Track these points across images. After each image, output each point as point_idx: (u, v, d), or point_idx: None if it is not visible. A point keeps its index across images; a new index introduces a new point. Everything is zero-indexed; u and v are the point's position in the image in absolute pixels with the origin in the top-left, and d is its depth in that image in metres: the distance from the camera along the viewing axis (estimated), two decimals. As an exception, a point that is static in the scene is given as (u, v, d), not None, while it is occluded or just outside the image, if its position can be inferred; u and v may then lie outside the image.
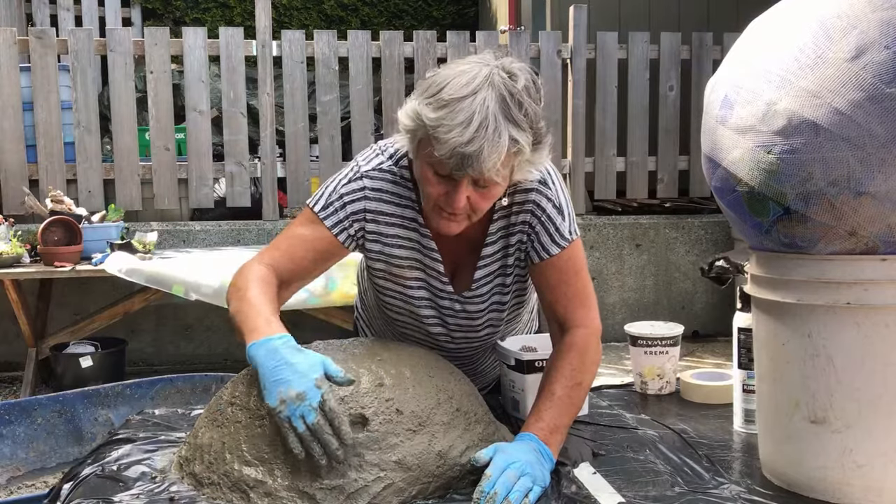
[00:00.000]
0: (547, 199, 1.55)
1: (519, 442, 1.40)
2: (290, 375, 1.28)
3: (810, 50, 1.21)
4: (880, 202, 1.18)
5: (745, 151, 1.27)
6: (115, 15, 6.75)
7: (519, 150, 1.37)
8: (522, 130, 1.36)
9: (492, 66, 1.37)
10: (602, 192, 5.44)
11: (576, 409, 1.50)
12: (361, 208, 1.55)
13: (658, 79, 5.41)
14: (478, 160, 1.33)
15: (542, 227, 1.55)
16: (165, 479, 1.42)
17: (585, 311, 1.58)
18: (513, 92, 1.35)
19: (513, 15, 6.60)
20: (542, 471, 1.35)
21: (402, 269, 1.61)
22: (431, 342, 1.72)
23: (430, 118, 1.35)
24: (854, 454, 1.25)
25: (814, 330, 1.26)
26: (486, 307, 1.66)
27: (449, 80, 1.36)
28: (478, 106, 1.32)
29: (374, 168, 1.57)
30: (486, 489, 1.28)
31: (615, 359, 4.62)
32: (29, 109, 4.73)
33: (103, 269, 3.92)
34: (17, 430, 2.68)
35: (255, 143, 5.13)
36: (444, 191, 1.41)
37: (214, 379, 2.87)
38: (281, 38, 4.95)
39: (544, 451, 1.39)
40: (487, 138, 1.32)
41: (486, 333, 1.72)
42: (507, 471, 1.30)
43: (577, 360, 1.52)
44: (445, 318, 1.67)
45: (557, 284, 1.57)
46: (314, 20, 7.41)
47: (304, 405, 1.25)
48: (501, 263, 1.61)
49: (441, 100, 1.34)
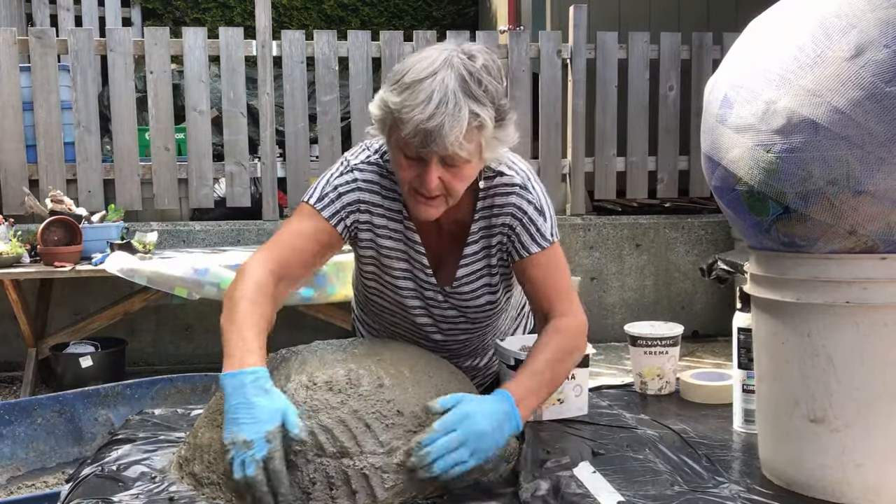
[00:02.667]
0: (528, 202, 1.60)
1: (490, 401, 1.40)
2: (245, 419, 1.27)
3: (810, 49, 1.21)
4: (879, 201, 1.18)
5: (745, 150, 1.27)
6: (115, 15, 6.75)
7: (481, 125, 1.42)
8: (483, 105, 1.41)
9: (451, 50, 1.44)
10: (602, 192, 5.44)
11: (555, 385, 1.54)
12: (356, 199, 1.60)
13: (658, 79, 5.41)
14: (440, 135, 1.37)
15: (523, 227, 1.59)
16: (165, 479, 1.42)
17: (570, 304, 1.61)
18: (471, 70, 1.41)
19: (513, 15, 6.60)
20: (490, 443, 1.35)
21: (390, 260, 1.65)
22: (420, 335, 1.75)
23: (394, 102, 1.41)
24: (853, 453, 1.25)
25: (813, 329, 1.26)
26: (480, 305, 1.69)
27: (411, 66, 1.42)
28: (437, 84, 1.38)
29: (362, 161, 1.62)
30: (423, 443, 1.30)
31: (615, 359, 4.62)
32: (29, 109, 4.73)
33: (103, 269, 3.92)
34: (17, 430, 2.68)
35: (255, 143, 5.13)
36: (415, 173, 1.45)
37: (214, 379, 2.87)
38: (281, 38, 4.95)
39: (513, 414, 1.40)
40: (448, 113, 1.37)
41: (477, 328, 1.76)
42: (452, 433, 1.32)
43: (563, 341, 1.55)
44: (431, 310, 1.70)
45: (541, 281, 1.61)
46: (314, 20, 7.41)
47: (247, 454, 1.24)
48: (485, 263, 1.65)
49: (403, 83, 1.41)
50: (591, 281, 5.26)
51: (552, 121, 5.27)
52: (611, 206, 5.49)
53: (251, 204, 4.98)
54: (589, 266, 5.26)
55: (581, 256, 5.24)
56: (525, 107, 5.24)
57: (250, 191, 4.98)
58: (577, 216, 5.31)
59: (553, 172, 5.30)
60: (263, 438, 1.25)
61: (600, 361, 4.51)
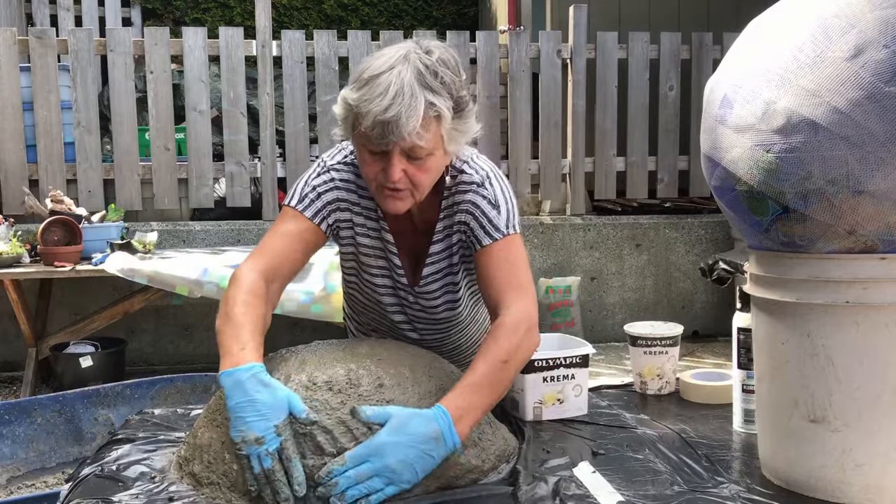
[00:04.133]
0: (482, 197, 1.61)
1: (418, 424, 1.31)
2: (251, 416, 1.29)
3: (809, 49, 1.21)
4: (879, 201, 1.18)
5: (745, 150, 1.27)
6: (115, 15, 6.75)
7: (438, 115, 1.45)
8: (439, 95, 1.44)
9: (409, 47, 1.48)
10: (602, 192, 5.44)
11: (500, 389, 1.44)
12: (335, 198, 1.64)
13: (658, 79, 5.41)
14: (397, 126, 1.40)
15: (476, 221, 1.60)
16: (165, 478, 1.42)
17: (517, 297, 1.53)
18: (427, 64, 1.44)
19: (513, 15, 6.59)
20: (408, 474, 1.29)
21: (368, 258, 1.69)
22: (397, 332, 1.79)
23: (353, 98, 1.45)
24: (853, 453, 1.25)
25: (813, 329, 1.26)
26: (441, 304, 1.72)
27: (370, 63, 1.46)
28: (394, 78, 1.41)
29: (339, 162, 1.66)
30: (333, 473, 1.26)
31: (615, 359, 4.63)
32: (29, 109, 4.73)
33: (103, 269, 3.93)
34: (17, 430, 2.68)
35: (255, 143, 5.13)
36: (379, 168, 1.48)
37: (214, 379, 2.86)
38: (281, 38, 4.95)
39: (446, 436, 1.32)
40: (404, 104, 1.40)
41: (446, 328, 1.78)
42: (362, 465, 1.27)
43: (504, 339, 1.46)
44: (405, 308, 1.75)
45: (491, 273, 1.57)
46: (314, 20, 7.41)
47: (261, 449, 1.27)
48: (448, 262, 1.68)
49: (362, 80, 1.45)
50: (591, 281, 5.26)
51: (552, 121, 5.27)
52: (611, 206, 5.49)
53: (251, 204, 4.98)
54: (589, 266, 5.26)
55: (581, 256, 5.24)
56: (525, 107, 5.24)
57: (250, 191, 4.98)
58: (577, 216, 5.31)
59: (553, 172, 5.30)
60: (273, 432, 1.28)
61: (600, 361, 4.51)
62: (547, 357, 1.69)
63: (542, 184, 5.30)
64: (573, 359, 1.71)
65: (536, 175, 5.30)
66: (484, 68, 5.18)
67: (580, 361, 1.71)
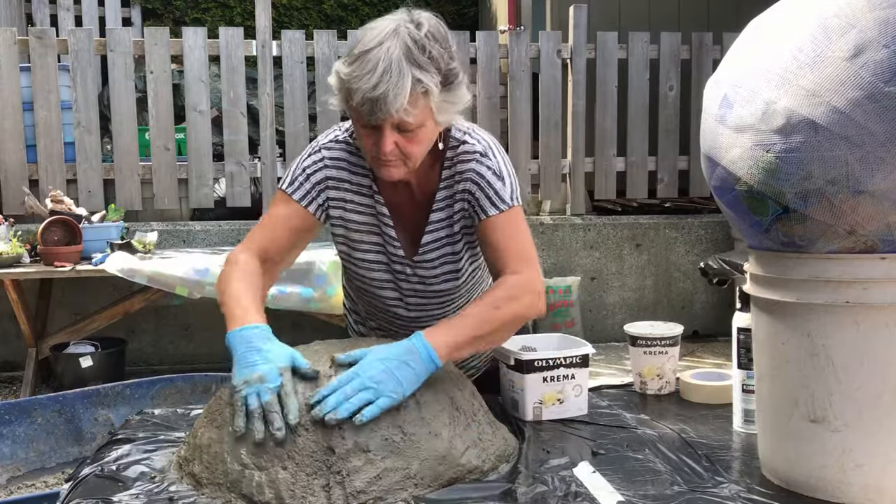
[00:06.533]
0: (487, 167, 1.64)
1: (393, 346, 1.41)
2: (258, 360, 1.36)
3: (809, 49, 1.21)
4: (879, 201, 1.18)
5: (744, 150, 1.27)
6: (115, 15, 6.75)
7: (426, 91, 1.47)
8: (427, 72, 1.47)
9: (399, 20, 1.50)
10: (602, 192, 5.44)
11: (486, 328, 1.49)
12: (323, 177, 1.68)
13: (658, 79, 5.41)
14: (385, 103, 1.44)
15: (482, 192, 1.63)
16: (165, 479, 1.42)
17: (522, 264, 1.59)
18: (416, 38, 1.48)
19: (513, 15, 6.60)
20: (393, 381, 1.35)
21: (360, 234, 1.71)
22: (390, 314, 1.79)
23: (344, 73, 1.48)
24: (853, 453, 1.25)
25: (813, 329, 1.26)
26: (439, 274, 1.72)
27: (363, 36, 1.50)
28: (383, 54, 1.44)
29: (330, 140, 1.71)
30: (322, 392, 1.33)
31: (615, 359, 4.63)
32: (29, 109, 4.73)
33: (103, 269, 3.93)
34: (17, 430, 2.68)
35: (255, 143, 5.13)
36: (373, 140, 1.52)
37: (214, 379, 2.88)
38: (281, 38, 4.95)
39: (420, 349, 1.40)
40: (392, 82, 1.43)
41: (442, 304, 1.78)
42: (351, 381, 1.34)
43: (501, 291, 1.54)
44: (399, 284, 1.74)
45: (498, 244, 1.61)
46: (314, 20, 7.41)
47: (262, 386, 1.33)
48: (448, 232, 1.69)
49: (353, 55, 1.48)
50: (591, 281, 5.26)
51: (552, 121, 5.27)
52: (611, 206, 5.49)
53: (251, 204, 4.98)
54: (589, 266, 5.26)
55: (581, 256, 5.25)
56: (525, 107, 5.24)
57: (250, 191, 4.98)
58: (577, 216, 5.31)
59: (553, 172, 5.30)
60: (277, 372, 1.35)
61: (600, 361, 4.51)
62: (547, 357, 1.69)
63: (542, 184, 5.30)
64: (573, 359, 1.71)
65: (536, 175, 5.30)
66: (484, 68, 5.18)
67: (580, 361, 1.71)
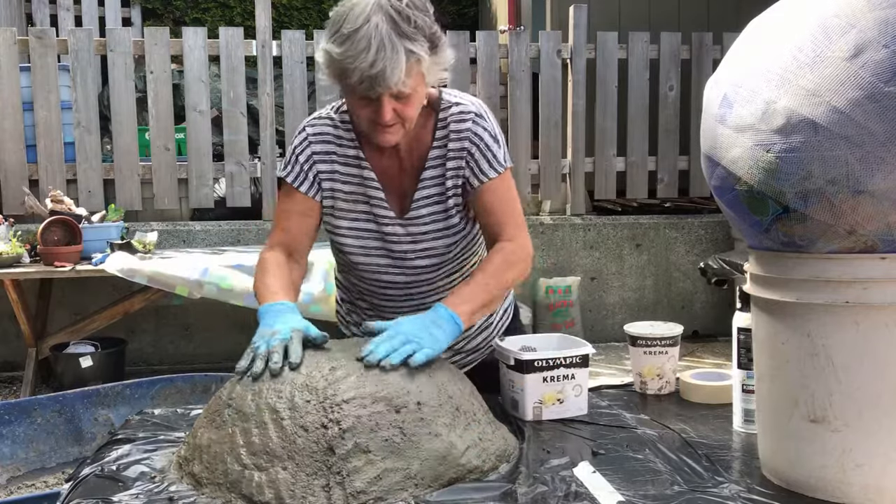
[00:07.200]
0: (483, 129, 1.72)
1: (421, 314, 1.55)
2: (276, 323, 1.50)
3: (809, 49, 1.21)
4: (879, 201, 1.18)
5: (744, 150, 1.27)
6: (115, 15, 6.75)
7: (419, 59, 1.55)
8: (416, 41, 1.53)
9: None
10: (602, 192, 5.44)
11: (494, 295, 1.64)
12: (310, 153, 1.76)
13: (658, 79, 5.41)
14: (383, 78, 1.51)
15: (481, 153, 1.71)
16: (164, 479, 1.42)
17: (517, 230, 1.72)
18: (399, 10, 1.53)
19: (513, 15, 6.60)
20: (428, 337, 1.49)
21: (347, 203, 1.77)
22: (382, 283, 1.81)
23: (337, 53, 1.53)
24: (853, 453, 1.25)
25: (813, 329, 1.26)
26: (430, 231, 1.75)
27: (345, 14, 1.54)
28: (372, 31, 1.50)
29: (314, 118, 1.80)
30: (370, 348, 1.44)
31: (615, 359, 4.63)
32: (29, 109, 4.73)
33: (103, 269, 3.92)
34: (17, 430, 2.69)
35: (255, 143, 5.13)
36: (372, 109, 1.59)
37: (214, 379, 2.88)
38: (281, 38, 4.95)
39: (444, 314, 1.54)
40: (387, 58, 1.50)
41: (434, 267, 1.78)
42: (392, 339, 1.46)
43: (500, 259, 1.67)
44: (391, 247, 1.77)
45: (493, 206, 1.72)
46: (314, 20, 7.42)
47: (273, 337, 1.46)
48: (440, 189, 1.74)
49: (342, 34, 1.53)
50: (591, 281, 5.26)
51: (552, 121, 5.27)
52: (611, 206, 5.49)
53: (251, 204, 4.98)
54: (589, 266, 5.26)
55: (581, 256, 5.25)
56: (525, 107, 5.24)
57: (250, 191, 4.98)
58: (577, 216, 5.31)
59: (553, 172, 5.30)
60: (289, 330, 1.47)
61: (600, 361, 4.51)
62: (547, 357, 1.69)
63: (542, 184, 5.30)
64: (573, 359, 1.71)
65: (536, 175, 5.30)
66: (484, 68, 5.18)
67: (580, 361, 1.71)
